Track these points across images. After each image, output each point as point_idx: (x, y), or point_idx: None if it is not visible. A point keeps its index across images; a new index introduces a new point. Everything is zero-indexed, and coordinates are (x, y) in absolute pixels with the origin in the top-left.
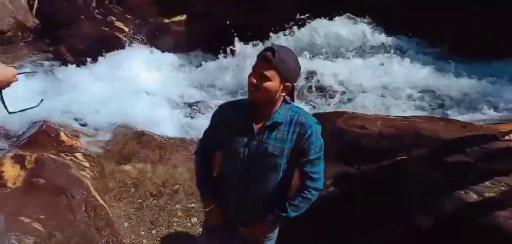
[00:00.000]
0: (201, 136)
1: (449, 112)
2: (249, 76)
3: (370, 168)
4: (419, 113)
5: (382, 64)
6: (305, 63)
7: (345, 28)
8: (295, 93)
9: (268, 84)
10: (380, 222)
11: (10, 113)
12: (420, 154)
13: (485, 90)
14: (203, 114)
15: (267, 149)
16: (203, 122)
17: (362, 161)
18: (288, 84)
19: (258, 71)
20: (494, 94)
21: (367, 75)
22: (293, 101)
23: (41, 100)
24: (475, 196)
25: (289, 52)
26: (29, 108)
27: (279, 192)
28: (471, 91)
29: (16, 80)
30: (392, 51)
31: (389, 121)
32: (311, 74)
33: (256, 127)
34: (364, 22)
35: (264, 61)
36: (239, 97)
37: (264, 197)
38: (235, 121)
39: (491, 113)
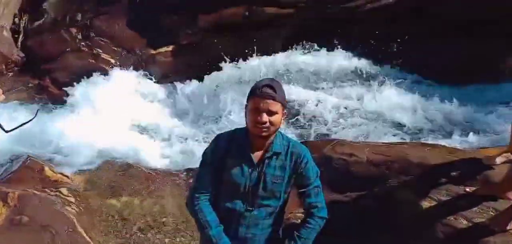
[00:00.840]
0: (187, 167)
1: (435, 137)
2: (256, 116)
3: (360, 195)
4: (406, 139)
5: (368, 92)
6: (292, 92)
7: (330, 57)
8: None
9: (275, 118)
10: None
11: (7, 132)
12: (409, 180)
13: (470, 115)
14: (190, 144)
15: (269, 178)
16: (190, 152)
17: (352, 189)
18: (285, 111)
19: (265, 109)
20: (478, 119)
21: (354, 103)
22: None
23: (37, 111)
24: (465, 222)
25: (277, 81)
26: (26, 123)
27: (277, 219)
28: (456, 116)
29: (3, 99)
30: (377, 78)
31: (377, 147)
32: (297, 103)
33: (256, 157)
34: (349, 51)
35: (270, 98)
36: (225, 128)
37: (264, 224)
38: (234, 153)
39: (477, 138)
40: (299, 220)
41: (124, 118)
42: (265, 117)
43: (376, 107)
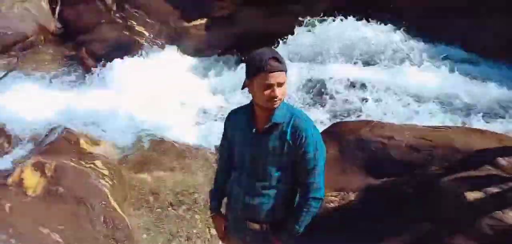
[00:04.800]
0: (219, 143)
1: (483, 122)
2: (268, 91)
3: (399, 181)
4: (451, 123)
5: (409, 70)
6: (328, 69)
7: (371, 32)
8: None
9: (283, 89)
10: (410, 242)
11: None
12: (453, 168)
13: None
14: (223, 120)
15: (268, 148)
16: (223, 128)
17: (390, 174)
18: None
19: (276, 82)
20: None
21: (395, 82)
22: None
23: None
24: None
25: (274, 49)
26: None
27: (284, 190)
28: (507, 98)
29: None
30: (418, 55)
31: (418, 131)
32: (333, 80)
33: (259, 129)
34: (391, 27)
35: (280, 70)
36: None
37: (270, 194)
38: (241, 125)
39: None
40: (331, 204)
41: (158, 92)
42: (277, 91)
43: (417, 87)
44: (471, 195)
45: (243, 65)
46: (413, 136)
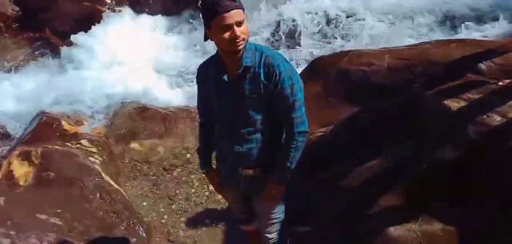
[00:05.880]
0: None
1: (462, 31)
2: (228, 33)
3: (382, 106)
4: (429, 38)
5: None
6: (299, 7)
7: None
8: None
9: (244, 27)
10: (400, 163)
11: None
12: (434, 82)
13: (496, 2)
14: None
15: (245, 93)
16: None
17: (373, 100)
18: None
19: (233, 22)
20: (506, 5)
21: (368, 6)
22: None
23: None
24: (499, 118)
25: None
26: None
27: (271, 130)
28: (482, 5)
29: None
30: None
31: (397, 52)
32: (311, 14)
33: (231, 77)
34: None
35: (234, 8)
36: None
37: (258, 138)
38: (212, 77)
39: (506, 26)
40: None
41: (131, 59)
42: (237, 31)
43: (392, 7)
44: (454, 105)
45: None
46: (393, 58)
